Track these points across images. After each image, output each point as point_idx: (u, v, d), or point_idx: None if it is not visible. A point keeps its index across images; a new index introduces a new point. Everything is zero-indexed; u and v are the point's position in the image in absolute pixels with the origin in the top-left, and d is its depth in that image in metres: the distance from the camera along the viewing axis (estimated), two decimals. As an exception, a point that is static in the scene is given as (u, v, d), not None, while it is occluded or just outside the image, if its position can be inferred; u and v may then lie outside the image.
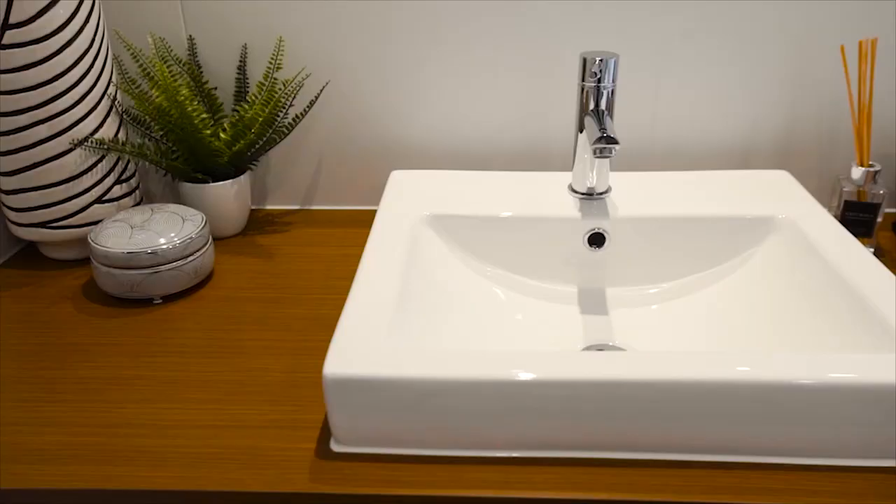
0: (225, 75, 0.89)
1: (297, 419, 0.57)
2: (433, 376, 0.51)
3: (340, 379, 0.51)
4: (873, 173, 0.77)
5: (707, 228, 0.75)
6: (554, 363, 0.52)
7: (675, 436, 0.52)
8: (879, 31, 0.81)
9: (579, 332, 0.73)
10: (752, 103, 0.87)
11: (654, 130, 0.89)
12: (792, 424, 0.51)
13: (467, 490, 0.50)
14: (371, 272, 0.64)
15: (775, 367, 0.50)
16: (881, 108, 0.85)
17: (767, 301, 0.69)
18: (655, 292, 0.76)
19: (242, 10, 0.85)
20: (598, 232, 0.76)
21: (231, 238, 0.88)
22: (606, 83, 0.72)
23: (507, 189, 0.81)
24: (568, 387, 0.50)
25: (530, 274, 0.77)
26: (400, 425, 0.52)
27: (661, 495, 0.49)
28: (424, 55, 0.87)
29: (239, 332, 0.69)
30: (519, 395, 0.51)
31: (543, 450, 0.53)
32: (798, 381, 0.49)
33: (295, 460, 0.53)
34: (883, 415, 0.50)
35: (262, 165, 0.94)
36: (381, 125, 0.91)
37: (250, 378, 0.62)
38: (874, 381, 0.49)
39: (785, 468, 0.51)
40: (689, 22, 0.83)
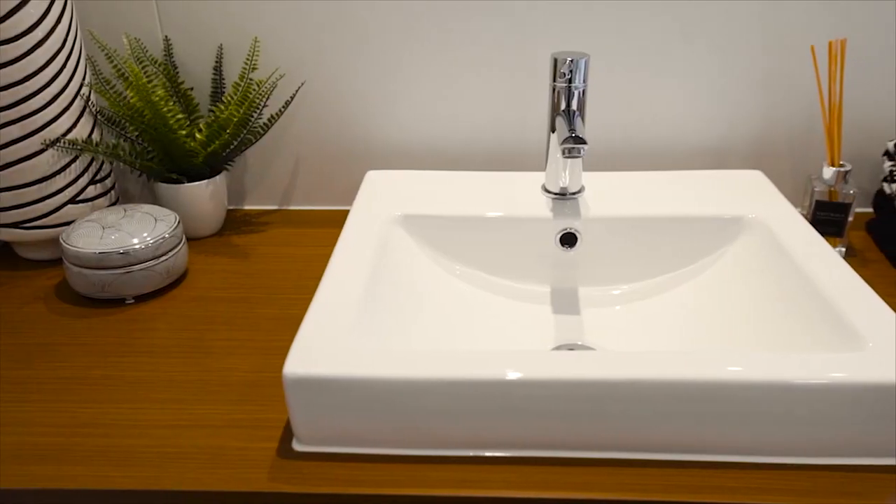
0: (202, 76, 0.89)
1: (260, 419, 0.57)
2: (393, 376, 0.51)
3: (300, 379, 0.51)
4: (844, 173, 0.77)
5: (678, 228, 0.75)
6: (514, 363, 0.52)
7: (632, 435, 0.52)
8: (853, 31, 0.82)
9: (550, 331, 0.73)
10: (727, 104, 0.87)
11: (630, 131, 0.89)
12: (751, 423, 0.51)
13: (425, 489, 0.50)
14: (338, 272, 0.64)
15: (736, 366, 0.51)
16: (854, 109, 0.85)
17: (737, 301, 0.70)
18: (627, 292, 0.76)
19: (218, 10, 0.85)
20: (570, 232, 0.76)
21: (207, 238, 0.88)
22: (577, 83, 0.73)
23: (481, 189, 0.81)
24: (527, 386, 0.51)
25: (502, 273, 0.77)
26: (360, 425, 0.52)
27: (618, 494, 0.49)
28: (401, 56, 0.87)
29: (209, 332, 0.69)
30: (478, 395, 0.51)
31: (502, 449, 0.53)
32: (758, 380, 0.50)
33: (255, 460, 0.53)
34: (841, 413, 0.50)
35: (240, 166, 0.94)
36: (358, 125, 0.91)
37: (216, 378, 0.62)
38: (835, 381, 0.49)
39: (741, 466, 0.52)
40: (665, 23, 0.83)
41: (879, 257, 0.80)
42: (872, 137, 0.87)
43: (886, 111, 0.85)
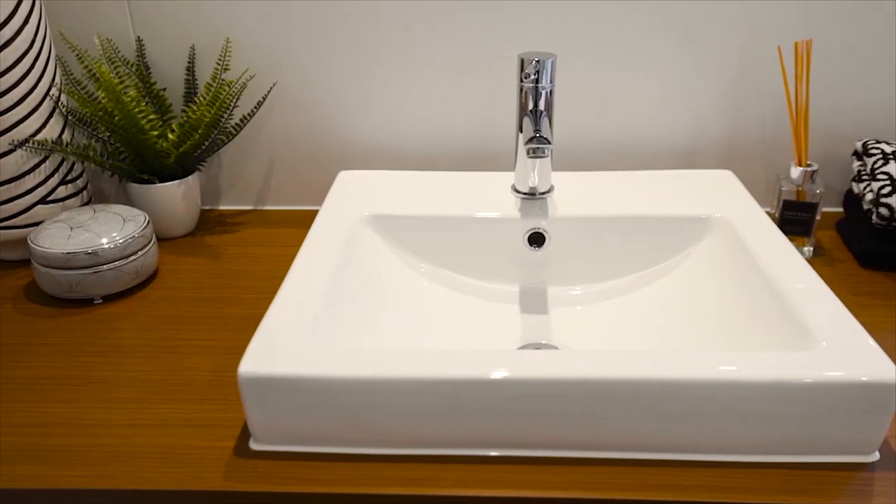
0: (176, 76, 0.89)
1: (219, 418, 0.57)
2: (346, 375, 0.51)
3: (255, 378, 0.51)
4: (811, 173, 0.77)
5: (645, 228, 0.76)
6: (471, 362, 0.52)
7: (585, 433, 0.52)
8: (824, 32, 0.82)
9: (517, 330, 0.73)
10: (698, 104, 0.87)
11: (602, 131, 0.89)
12: (702, 421, 0.51)
13: (379, 488, 0.50)
14: (301, 272, 0.65)
15: (686, 365, 0.51)
16: (825, 110, 0.86)
17: (701, 300, 0.70)
18: (595, 292, 0.77)
19: (191, 10, 0.85)
20: (538, 231, 0.76)
21: (180, 238, 0.88)
22: (544, 83, 0.73)
23: (452, 189, 0.81)
24: (482, 385, 0.51)
25: (470, 273, 0.78)
26: (316, 424, 0.53)
27: (567, 492, 0.50)
28: (375, 56, 0.87)
29: (174, 331, 0.69)
30: (433, 394, 0.51)
31: (455, 448, 0.53)
32: (707, 378, 0.50)
33: (212, 459, 0.53)
34: (791, 412, 0.50)
35: (215, 166, 0.94)
36: (332, 126, 0.91)
37: (178, 377, 0.62)
38: (783, 379, 0.50)
39: (693, 465, 0.52)
40: (637, 24, 0.83)
41: (847, 256, 0.80)
42: (842, 137, 0.87)
43: (856, 112, 0.86)
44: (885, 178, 0.75)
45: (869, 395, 0.49)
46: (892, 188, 0.74)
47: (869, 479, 0.50)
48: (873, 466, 0.51)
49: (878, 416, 0.50)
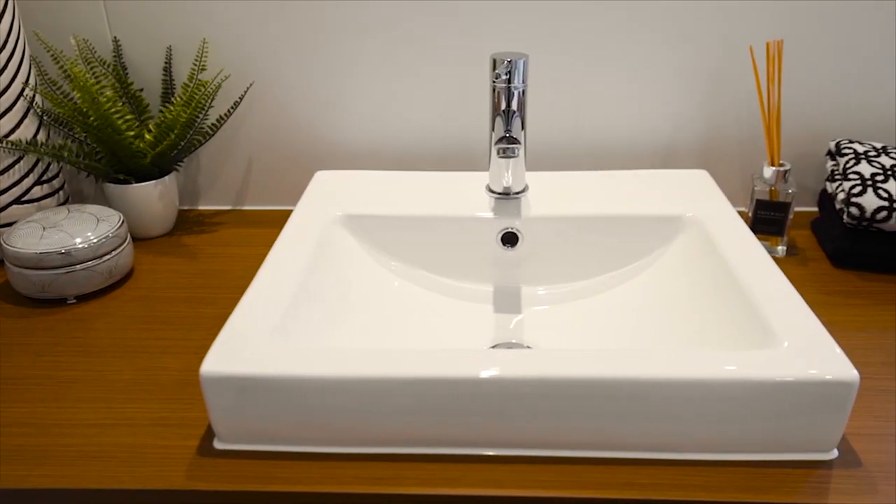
0: (154, 76, 0.90)
1: (186, 417, 0.58)
2: (307, 374, 0.51)
3: (217, 377, 0.51)
4: (783, 172, 0.78)
5: (618, 227, 0.76)
6: (433, 361, 0.52)
7: (548, 432, 0.53)
8: (800, 32, 0.82)
9: (490, 330, 0.73)
10: (675, 104, 0.87)
11: (578, 131, 0.90)
12: (661, 419, 0.51)
13: (339, 487, 0.50)
14: (270, 272, 0.65)
15: (645, 364, 0.51)
16: (800, 109, 0.86)
17: (672, 299, 0.70)
18: (568, 291, 0.77)
19: (168, 11, 0.86)
20: (511, 231, 0.77)
21: (157, 238, 0.88)
22: (517, 84, 0.73)
23: (428, 189, 0.81)
24: (445, 384, 0.51)
25: (444, 273, 0.78)
26: (278, 423, 0.53)
27: (528, 490, 0.50)
28: (353, 56, 0.87)
29: (146, 331, 0.70)
30: (390, 393, 0.51)
31: (419, 447, 0.54)
32: (667, 377, 0.50)
33: (175, 458, 0.53)
34: (751, 410, 0.51)
35: (194, 166, 0.94)
36: (310, 126, 0.91)
37: (147, 377, 0.63)
38: (743, 378, 0.50)
39: (653, 463, 0.52)
40: (613, 24, 0.83)
41: (820, 256, 0.80)
42: (818, 137, 0.88)
43: (831, 111, 0.86)
44: (856, 177, 0.76)
45: (827, 393, 0.50)
46: (863, 188, 0.74)
47: (827, 477, 0.50)
48: (832, 464, 0.51)
49: (835, 414, 0.50)
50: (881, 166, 0.76)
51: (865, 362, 0.62)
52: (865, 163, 0.77)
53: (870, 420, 0.56)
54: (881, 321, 0.68)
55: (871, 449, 0.52)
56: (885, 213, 0.73)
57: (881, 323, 0.68)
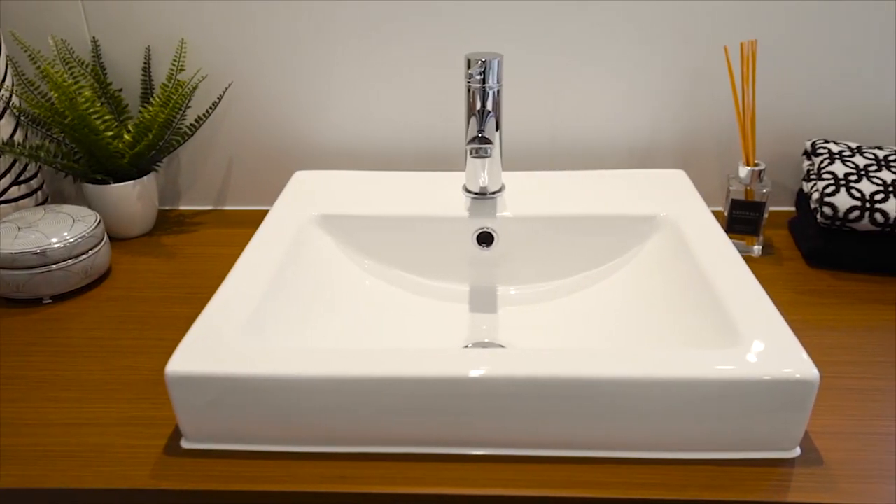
0: (134, 77, 0.90)
1: (154, 416, 0.58)
2: (272, 373, 0.51)
3: (182, 376, 0.52)
4: (758, 172, 0.78)
5: (594, 227, 0.76)
6: (397, 360, 0.52)
7: (507, 431, 0.53)
8: (778, 32, 0.82)
9: (464, 329, 0.74)
10: (653, 103, 0.88)
11: (557, 131, 0.90)
12: (622, 419, 0.52)
13: (301, 486, 0.51)
14: (242, 272, 0.65)
15: (610, 363, 0.51)
16: (778, 109, 0.86)
17: (645, 299, 0.70)
18: (543, 290, 0.77)
19: (148, 11, 0.86)
20: (487, 231, 0.77)
21: (137, 238, 0.89)
22: (491, 84, 0.73)
23: (406, 189, 0.82)
24: (403, 384, 0.51)
25: (421, 272, 0.78)
26: (243, 422, 0.53)
27: (491, 489, 0.50)
28: (332, 56, 0.87)
29: (121, 331, 0.70)
30: (356, 392, 0.51)
31: (380, 446, 0.54)
32: (629, 376, 0.50)
33: (141, 457, 0.53)
34: (712, 409, 0.51)
35: (174, 166, 0.95)
36: (290, 126, 0.92)
37: (118, 377, 0.63)
38: (702, 377, 0.50)
39: (616, 461, 0.52)
40: (593, 24, 0.84)
41: (796, 255, 0.80)
42: (796, 137, 0.88)
43: (809, 111, 0.86)
44: (830, 177, 0.76)
45: (788, 392, 0.50)
46: (836, 187, 0.75)
47: (788, 475, 0.50)
48: (794, 462, 0.51)
49: (797, 413, 0.50)
50: (855, 166, 0.77)
51: (834, 361, 0.62)
52: (839, 162, 0.77)
53: (835, 419, 0.56)
54: (852, 320, 0.68)
55: (834, 447, 0.53)
56: (858, 213, 0.73)
57: (852, 322, 0.68)
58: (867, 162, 0.77)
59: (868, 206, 0.73)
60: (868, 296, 0.72)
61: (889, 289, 0.73)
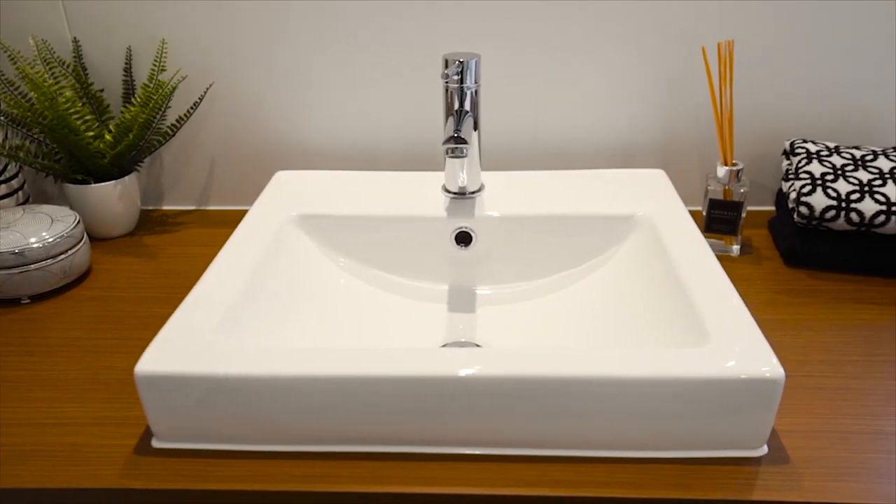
0: (116, 77, 0.90)
1: (127, 416, 0.58)
2: (241, 373, 0.51)
3: (151, 376, 0.52)
4: (736, 172, 0.78)
5: (572, 227, 0.76)
6: (365, 360, 0.52)
7: (478, 430, 0.53)
8: (763, 32, 0.83)
9: (442, 329, 0.74)
10: (634, 104, 0.88)
11: (538, 131, 0.90)
12: (590, 417, 0.52)
13: (271, 485, 0.51)
14: (217, 272, 0.65)
15: (576, 363, 0.51)
16: (759, 109, 0.87)
17: (621, 298, 0.70)
18: (522, 290, 0.77)
19: (129, 11, 0.86)
20: (465, 231, 0.77)
21: (118, 238, 0.89)
22: (469, 84, 0.73)
23: (386, 189, 0.82)
24: (372, 383, 0.51)
25: (400, 272, 0.78)
26: (214, 421, 0.53)
27: (461, 487, 0.50)
28: (314, 57, 0.87)
29: (98, 331, 0.70)
30: (325, 391, 0.52)
31: (352, 445, 0.54)
32: (595, 375, 0.51)
33: (112, 457, 0.53)
34: (677, 408, 0.51)
35: (157, 166, 0.95)
36: (274, 126, 0.92)
37: (94, 376, 0.63)
38: (672, 375, 0.50)
39: (582, 460, 0.53)
40: (573, 23, 0.84)
41: (774, 255, 0.81)
42: (777, 137, 0.88)
43: (789, 111, 0.87)
44: (807, 177, 0.76)
45: (754, 391, 0.50)
46: (813, 187, 0.75)
47: (754, 473, 0.51)
48: (760, 461, 0.52)
49: (763, 411, 0.51)
50: (832, 166, 0.77)
51: (806, 360, 0.63)
52: (817, 162, 0.78)
53: (805, 417, 0.56)
54: (827, 320, 0.69)
55: (802, 446, 0.53)
56: (834, 213, 0.73)
57: (827, 321, 0.68)
58: (844, 162, 0.78)
59: (844, 206, 0.73)
60: (844, 295, 0.72)
61: (865, 288, 0.73)
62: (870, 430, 0.54)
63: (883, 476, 0.50)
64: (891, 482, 0.50)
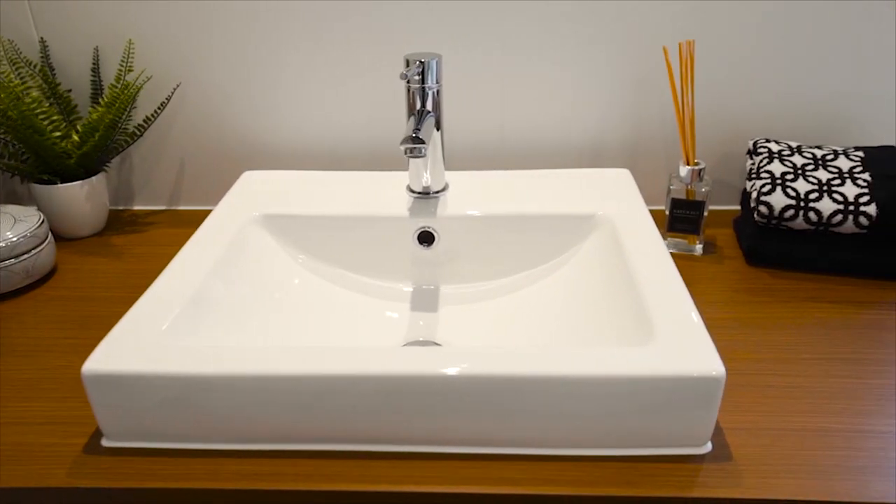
0: (84, 77, 0.90)
1: (79, 415, 0.58)
2: (183, 372, 0.52)
3: (97, 375, 0.52)
4: (698, 171, 0.79)
5: (533, 226, 0.76)
6: (304, 359, 0.53)
7: (421, 429, 0.53)
8: (728, 32, 0.83)
9: (404, 329, 0.74)
10: (601, 103, 0.88)
11: (505, 131, 0.90)
12: (534, 416, 0.52)
13: (217, 483, 0.51)
14: (175, 271, 0.65)
15: (517, 362, 0.52)
16: (726, 108, 0.87)
17: (579, 298, 0.71)
18: (484, 289, 0.78)
19: (96, 11, 0.86)
20: (427, 230, 0.77)
21: (86, 238, 0.89)
22: (430, 84, 0.74)
23: (352, 189, 0.82)
24: (314, 381, 0.52)
25: (364, 272, 0.78)
26: (160, 420, 0.53)
27: (404, 486, 0.51)
28: (284, 56, 0.87)
29: (58, 331, 0.70)
30: (268, 390, 0.52)
31: (298, 443, 0.54)
32: (539, 373, 0.51)
33: (61, 456, 0.54)
34: (624, 406, 0.51)
35: (127, 166, 0.95)
36: (243, 126, 0.92)
37: (50, 376, 0.63)
38: (615, 374, 0.51)
39: (526, 459, 0.53)
40: (539, 23, 0.84)
41: (737, 254, 0.81)
42: (743, 136, 0.88)
43: (756, 110, 0.87)
44: (767, 176, 0.77)
45: (695, 389, 0.50)
46: (772, 186, 0.75)
47: (696, 471, 0.51)
48: (703, 458, 0.52)
49: (705, 409, 0.51)
50: (793, 165, 0.77)
51: (759, 359, 0.63)
52: (778, 162, 0.78)
53: (751, 415, 0.56)
54: (783, 318, 0.69)
55: (746, 443, 0.53)
56: (793, 212, 0.74)
57: (783, 320, 0.69)
58: (805, 161, 0.78)
59: (803, 205, 0.74)
60: (801, 294, 0.73)
61: (822, 287, 0.74)
62: (814, 428, 0.55)
63: (823, 472, 0.50)
64: (830, 478, 0.50)
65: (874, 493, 0.49)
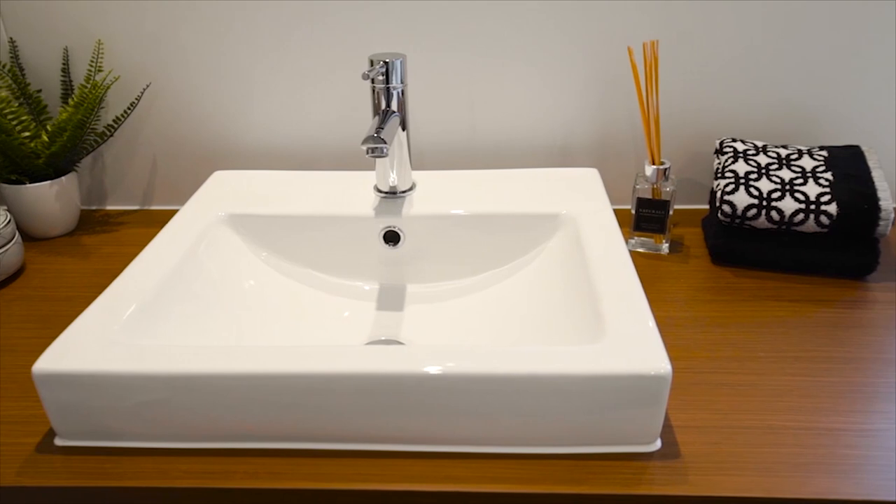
0: (54, 77, 0.90)
1: (34, 415, 0.58)
2: (132, 371, 0.52)
3: (47, 375, 0.52)
4: (664, 171, 0.79)
5: (498, 226, 0.77)
6: (259, 358, 0.53)
7: (373, 426, 0.53)
8: (696, 30, 0.83)
9: (368, 327, 0.74)
10: (570, 103, 0.88)
11: (475, 131, 0.90)
12: (483, 415, 0.52)
13: (167, 481, 0.51)
14: (137, 271, 0.65)
15: (465, 360, 0.52)
16: (695, 108, 0.87)
17: (541, 296, 0.71)
18: (449, 289, 0.78)
19: (66, 12, 0.86)
20: (393, 230, 0.78)
21: (56, 238, 0.89)
22: (395, 84, 0.74)
23: (320, 188, 0.82)
24: (263, 380, 0.52)
25: (329, 271, 0.79)
26: (112, 419, 0.54)
27: (352, 483, 0.51)
28: (255, 56, 0.88)
29: (21, 330, 0.70)
30: (216, 389, 0.52)
31: (247, 441, 0.54)
32: (487, 372, 0.51)
33: (12, 455, 0.54)
34: (572, 404, 0.52)
35: (99, 166, 0.95)
36: (214, 126, 0.92)
37: (7, 375, 0.63)
38: (563, 372, 0.51)
39: (474, 457, 0.53)
40: (508, 23, 0.84)
41: (703, 253, 0.81)
42: (711, 135, 0.89)
43: (724, 109, 0.87)
44: (731, 175, 0.77)
45: (642, 387, 0.51)
46: (736, 185, 0.76)
47: (644, 468, 0.51)
48: (652, 456, 0.52)
49: (653, 408, 0.51)
50: (757, 165, 0.78)
51: (715, 357, 0.63)
52: (742, 161, 0.78)
53: (703, 413, 0.57)
54: (744, 317, 0.69)
55: (695, 441, 0.54)
56: (755, 211, 0.74)
57: (743, 318, 0.69)
58: (769, 161, 0.78)
59: (765, 204, 0.74)
60: (763, 293, 0.73)
61: (784, 286, 0.74)
62: (763, 425, 0.55)
63: (768, 470, 0.51)
64: (776, 475, 0.50)
65: (818, 489, 0.49)
